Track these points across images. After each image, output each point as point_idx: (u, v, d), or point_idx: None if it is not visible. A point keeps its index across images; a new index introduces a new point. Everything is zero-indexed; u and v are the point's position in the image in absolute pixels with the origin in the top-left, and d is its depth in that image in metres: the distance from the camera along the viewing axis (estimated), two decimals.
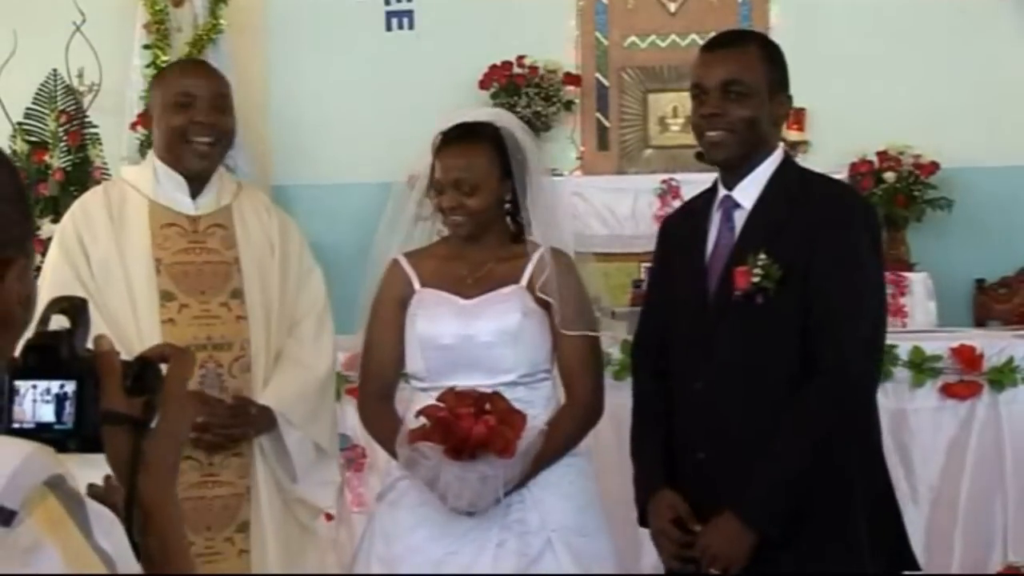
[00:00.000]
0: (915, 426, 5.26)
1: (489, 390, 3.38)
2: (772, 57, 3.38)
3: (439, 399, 3.34)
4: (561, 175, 7.59)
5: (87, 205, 3.64)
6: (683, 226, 3.53)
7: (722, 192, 3.39)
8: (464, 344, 3.46)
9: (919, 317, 7.07)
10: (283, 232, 3.71)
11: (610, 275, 6.78)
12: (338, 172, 7.79)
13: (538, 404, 3.50)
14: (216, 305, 3.56)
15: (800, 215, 3.27)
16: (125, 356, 1.61)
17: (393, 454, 3.50)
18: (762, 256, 3.20)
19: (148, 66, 7.16)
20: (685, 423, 3.34)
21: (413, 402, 3.53)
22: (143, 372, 1.61)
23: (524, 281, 3.51)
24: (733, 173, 3.36)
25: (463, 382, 3.43)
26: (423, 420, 3.33)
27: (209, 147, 3.55)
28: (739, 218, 3.34)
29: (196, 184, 3.62)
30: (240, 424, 3.49)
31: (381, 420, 3.59)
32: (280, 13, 7.89)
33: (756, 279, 3.20)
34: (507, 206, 3.59)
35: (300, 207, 7.79)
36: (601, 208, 7.40)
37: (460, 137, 3.49)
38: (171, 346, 1.71)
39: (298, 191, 7.89)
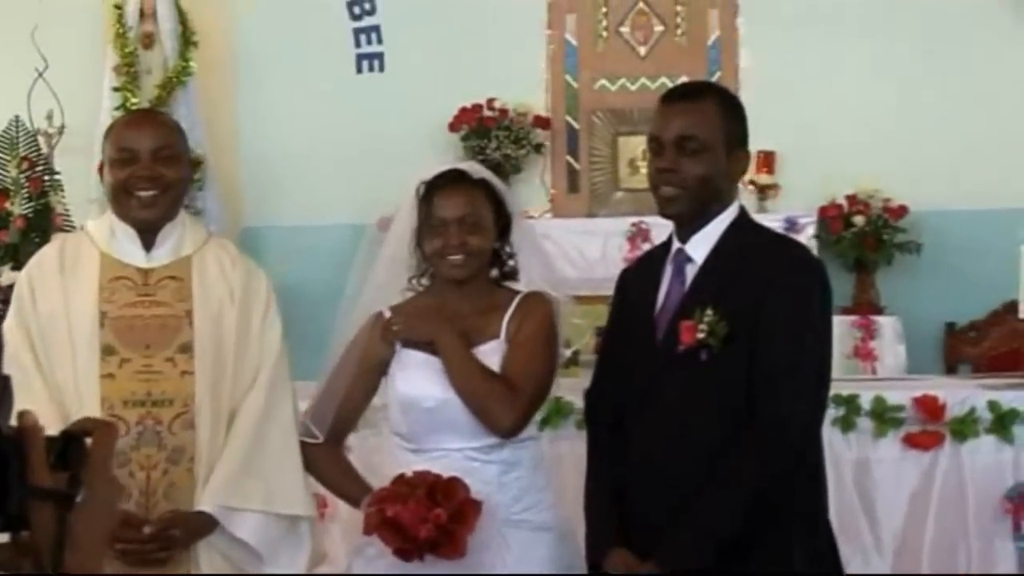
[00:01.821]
0: (878, 476, 5.24)
1: (480, 460, 3.38)
2: (730, 112, 3.35)
3: (392, 483, 3.31)
4: (531, 217, 7.59)
5: (42, 257, 3.63)
6: (639, 277, 3.52)
7: (675, 245, 3.37)
8: (445, 407, 3.41)
9: (888, 361, 7.08)
10: (247, 283, 3.62)
11: (579, 318, 6.79)
12: (308, 214, 7.80)
13: (524, 463, 3.46)
14: (160, 360, 3.50)
15: (751, 273, 3.24)
16: (49, 431, 1.59)
17: (349, 502, 3.53)
18: (709, 312, 3.17)
19: (117, 108, 7.16)
20: (629, 474, 3.31)
21: (398, 459, 3.49)
22: (67, 447, 1.59)
23: (503, 334, 3.46)
24: (687, 226, 3.34)
25: (446, 445, 3.40)
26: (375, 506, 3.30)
27: (153, 198, 3.52)
28: (690, 272, 3.31)
29: (149, 235, 3.58)
30: (162, 549, 3.40)
31: (335, 471, 3.59)
32: (250, 55, 7.92)
33: (701, 335, 3.17)
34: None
35: (270, 248, 7.79)
36: (571, 250, 7.40)
37: (458, 179, 3.48)
38: (94, 420, 1.69)
39: (268, 232, 7.89)
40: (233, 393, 3.55)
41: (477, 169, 3.60)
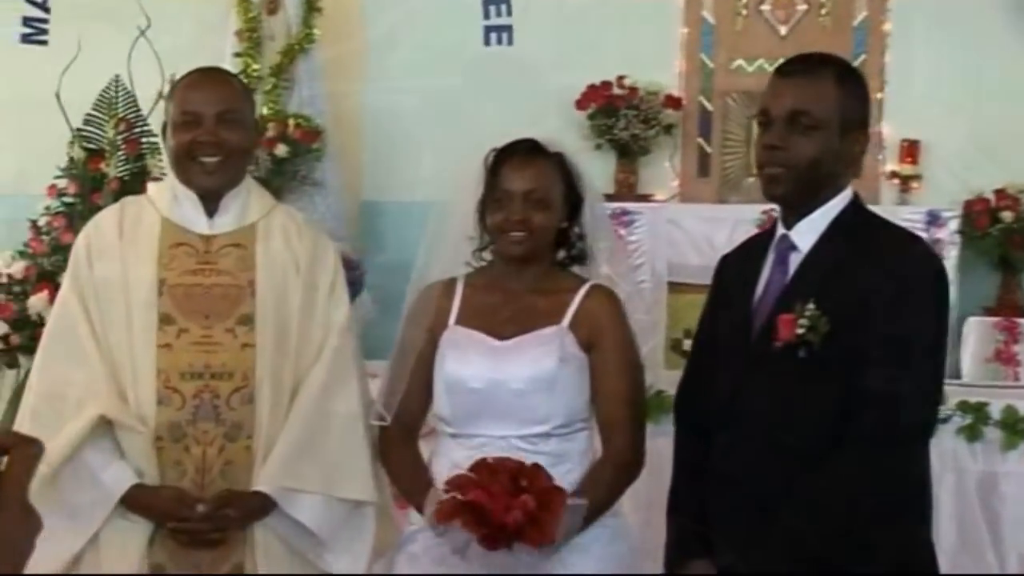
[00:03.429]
0: (1005, 491, 4.94)
1: (526, 450, 3.19)
2: (850, 88, 3.07)
3: (471, 470, 3.07)
4: (658, 201, 7.33)
5: (100, 220, 3.53)
6: (738, 265, 3.26)
7: (780, 231, 3.11)
8: (494, 390, 3.24)
9: None
10: (314, 254, 3.49)
11: (701, 307, 6.50)
12: (429, 189, 7.54)
13: (573, 457, 3.27)
14: (220, 331, 3.36)
15: (860, 266, 2.95)
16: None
17: (410, 499, 3.33)
18: (810, 306, 2.90)
19: (239, 74, 7.03)
20: (710, 484, 3.07)
21: (440, 447, 3.34)
22: None
23: (566, 321, 3.29)
24: (794, 211, 3.07)
25: (492, 431, 3.23)
26: (452, 493, 3.07)
27: (216, 165, 3.39)
28: (794, 261, 3.05)
29: (212, 202, 3.44)
30: (216, 529, 3.28)
31: (403, 464, 3.39)
32: (375, 24, 7.74)
33: (801, 330, 2.90)
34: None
35: (389, 223, 7.64)
36: (698, 237, 7.10)
37: (530, 151, 3.32)
38: (16, 435, 1.45)
39: (388, 207, 7.72)
40: (296, 368, 3.40)
41: (553, 142, 3.39)
